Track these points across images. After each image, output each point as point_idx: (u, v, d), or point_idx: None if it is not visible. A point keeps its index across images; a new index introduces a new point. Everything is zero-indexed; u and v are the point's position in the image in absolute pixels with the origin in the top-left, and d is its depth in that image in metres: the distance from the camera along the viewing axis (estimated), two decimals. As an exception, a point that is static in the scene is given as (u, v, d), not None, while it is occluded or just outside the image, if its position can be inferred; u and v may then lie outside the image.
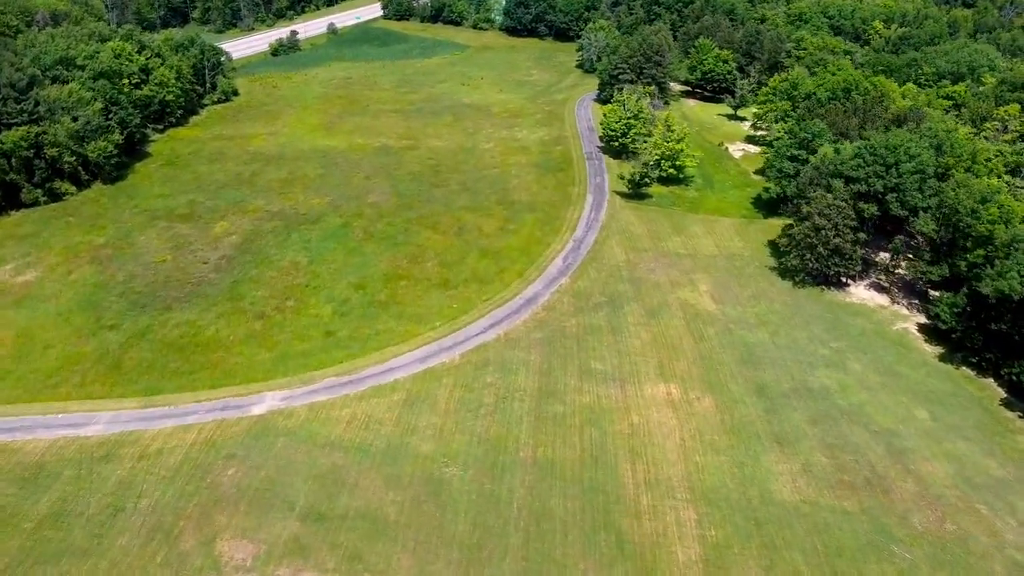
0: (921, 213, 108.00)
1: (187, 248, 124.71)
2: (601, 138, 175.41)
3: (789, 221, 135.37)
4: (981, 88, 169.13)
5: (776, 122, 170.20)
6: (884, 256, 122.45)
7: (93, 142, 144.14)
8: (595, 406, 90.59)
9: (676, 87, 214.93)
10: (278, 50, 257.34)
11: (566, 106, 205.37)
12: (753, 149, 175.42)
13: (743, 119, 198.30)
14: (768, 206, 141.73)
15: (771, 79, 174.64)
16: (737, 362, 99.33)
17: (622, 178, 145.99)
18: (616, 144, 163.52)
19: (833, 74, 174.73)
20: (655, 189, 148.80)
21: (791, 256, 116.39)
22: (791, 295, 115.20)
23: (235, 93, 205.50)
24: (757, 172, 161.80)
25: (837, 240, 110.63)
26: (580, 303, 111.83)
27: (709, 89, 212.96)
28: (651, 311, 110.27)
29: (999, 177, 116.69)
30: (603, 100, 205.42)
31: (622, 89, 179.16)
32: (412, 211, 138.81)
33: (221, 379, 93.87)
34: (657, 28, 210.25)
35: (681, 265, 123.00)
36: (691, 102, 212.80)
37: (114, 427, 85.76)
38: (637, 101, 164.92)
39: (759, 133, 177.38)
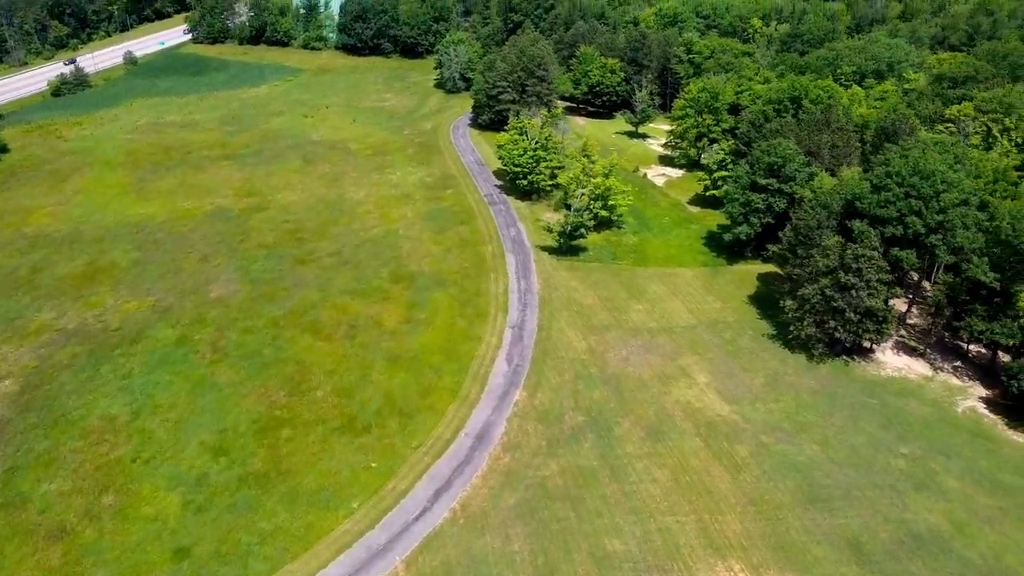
0: (975, 258, 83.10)
1: (-73, 413, 79.68)
2: (498, 174, 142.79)
3: (761, 267, 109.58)
4: (907, 86, 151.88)
5: (699, 140, 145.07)
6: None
7: None
8: (642, 632, 57.40)
9: (560, 103, 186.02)
10: (61, 88, 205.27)
11: (439, 135, 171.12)
12: (674, 173, 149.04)
13: (646, 136, 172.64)
14: (729, 249, 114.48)
15: (687, 87, 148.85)
16: (800, 502, 69.48)
17: (549, 230, 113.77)
18: (524, 183, 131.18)
19: (750, 79, 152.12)
20: (587, 239, 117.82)
21: (805, 324, 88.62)
22: (814, 375, 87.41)
23: (4, 150, 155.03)
24: (692, 202, 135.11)
25: (872, 301, 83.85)
26: (552, 431, 78.28)
27: (598, 104, 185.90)
28: (651, 429, 78.60)
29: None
30: (481, 125, 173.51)
31: (516, 112, 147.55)
32: (276, 305, 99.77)
33: None
34: (535, 38, 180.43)
35: (660, 347, 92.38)
36: (580, 120, 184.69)
37: None
38: (543, 128, 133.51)
39: (676, 153, 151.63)
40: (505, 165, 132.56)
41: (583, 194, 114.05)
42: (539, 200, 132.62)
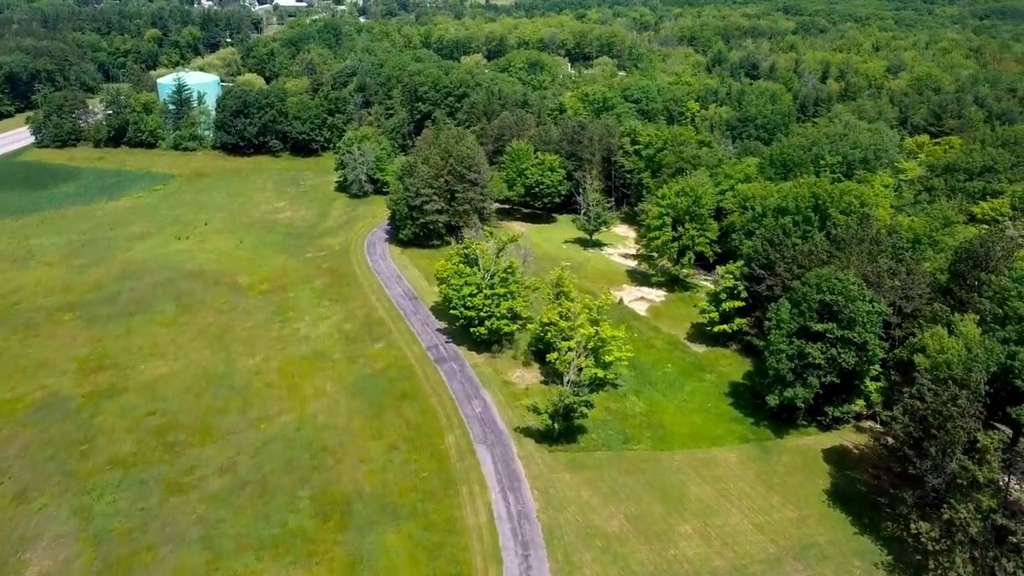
0: None
1: None
2: (438, 312, 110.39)
3: (822, 437, 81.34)
4: (903, 177, 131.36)
5: (682, 254, 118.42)
6: None
7: None
8: None
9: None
10: None
11: (353, 257, 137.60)
12: (655, 295, 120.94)
13: (601, 244, 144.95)
14: (770, 410, 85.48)
15: (662, 189, 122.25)
16: None
17: (536, 411, 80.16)
18: (480, 332, 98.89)
19: (728, 175, 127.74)
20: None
21: (956, 562, 59.46)
22: (987, 646, 58.02)
23: None
24: (692, 338, 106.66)
25: (1072, 534, 55.81)
26: None
27: (537, 205, 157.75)
28: None
29: None
30: (403, 241, 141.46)
31: (454, 229, 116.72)
32: (136, 583, 62.78)
33: None
34: (459, 134, 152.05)
35: (744, 608, 61.07)
36: (517, 225, 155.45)
37: None
38: (499, 255, 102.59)
39: (651, 269, 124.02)
40: (454, 309, 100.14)
41: (573, 355, 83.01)
42: (501, 351, 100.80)
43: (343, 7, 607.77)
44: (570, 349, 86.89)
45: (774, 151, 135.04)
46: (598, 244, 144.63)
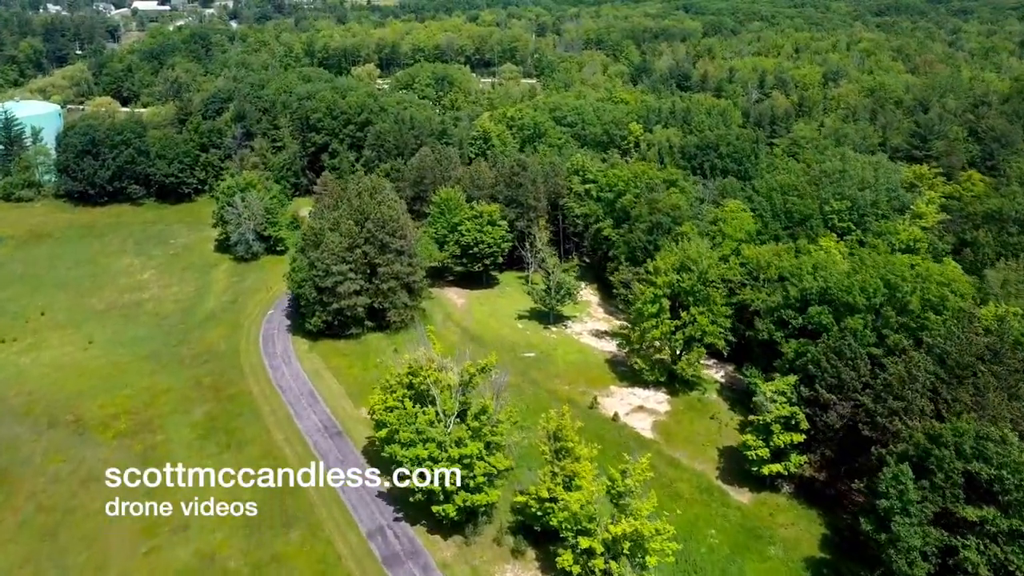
0: None
1: None
2: (373, 455, 78.46)
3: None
4: (923, 223, 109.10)
5: (688, 346, 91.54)
6: None
7: None
8: None
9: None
10: None
11: (246, 362, 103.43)
12: (655, 401, 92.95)
13: (565, 319, 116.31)
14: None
15: (658, 259, 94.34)
16: None
17: None
18: (450, 512, 67.83)
19: (729, 235, 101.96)
20: (617, 646, 57.44)
21: None
22: None
23: None
24: (724, 476, 79.51)
25: None
26: None
27: (476, 268, 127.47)
28: None
29: None
30: (311, 332, 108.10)
31: (381, 316, 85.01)
32: None
33: None
34: (375, 186, 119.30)
35: None
36: (453, 294, 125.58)
37: None
38: (470, 383, 71.76)
39: (643, 364, 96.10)
40: (405, 478, 68.63)
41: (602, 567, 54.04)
42: (476, 531, 70.34)
43: (211, 10, 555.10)
44: (593, 552, 57.99)
45: (774, 198, 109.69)
46: (561, 318, 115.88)
